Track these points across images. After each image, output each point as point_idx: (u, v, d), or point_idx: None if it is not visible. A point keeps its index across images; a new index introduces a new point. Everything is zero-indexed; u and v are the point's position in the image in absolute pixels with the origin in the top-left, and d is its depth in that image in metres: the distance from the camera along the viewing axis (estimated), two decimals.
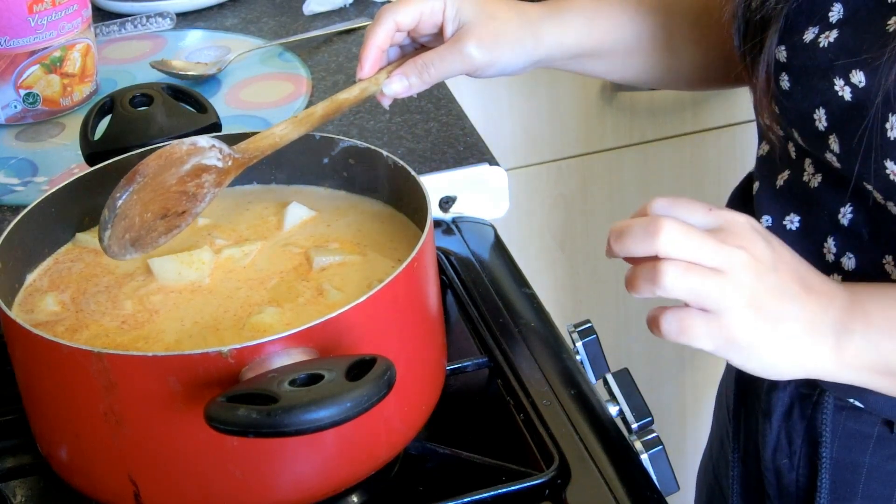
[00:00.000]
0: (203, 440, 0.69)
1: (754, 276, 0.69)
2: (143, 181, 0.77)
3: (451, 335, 0.89)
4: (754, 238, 0.70)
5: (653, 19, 0.97)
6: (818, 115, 0.81)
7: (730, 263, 0.68)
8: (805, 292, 0.72)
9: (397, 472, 0.81)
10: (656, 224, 0.68)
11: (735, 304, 0.69)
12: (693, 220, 0.70)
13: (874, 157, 0.77)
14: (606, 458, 0.80)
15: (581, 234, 1.73)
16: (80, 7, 1.24)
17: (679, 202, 0.71)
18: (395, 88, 0.91)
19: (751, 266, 0.69)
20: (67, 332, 0.78)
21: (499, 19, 0.91)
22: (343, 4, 1.47)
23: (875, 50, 0.76)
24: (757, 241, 0.70)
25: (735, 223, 0.71)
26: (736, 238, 0.69)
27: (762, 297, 0.69)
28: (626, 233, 0.69)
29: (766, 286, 0.70)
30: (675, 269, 0.68)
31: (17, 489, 0.84)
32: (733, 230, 0.70)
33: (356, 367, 0.64)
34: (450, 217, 1.08)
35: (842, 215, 0.83)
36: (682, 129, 1.70)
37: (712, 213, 0.71)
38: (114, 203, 0.76)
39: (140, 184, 0.77)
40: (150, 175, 0.78)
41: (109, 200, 0.77)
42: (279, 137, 0.86)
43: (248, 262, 0.84)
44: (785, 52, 0.83)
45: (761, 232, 0.71)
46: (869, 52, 0.76)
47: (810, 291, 0.72)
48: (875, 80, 0.76)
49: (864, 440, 0.89)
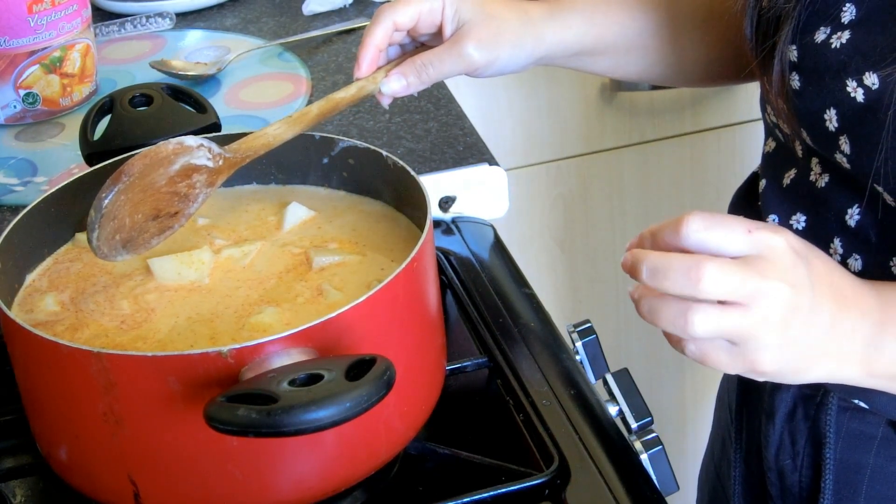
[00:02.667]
0: (203, 440, 0.69)
1: (788, 310, 0.67)
2: (128, 181, 0.77)
3: (450, 335, 0.89)
4: (794, 264, 0.67)
5: (656, 16, 0.96)
6: (829, 115, 0.80)
7: (765, 300, 0.66)
8: (838, 309, 0.70)
9: (397, 472, 0.81)
10: (699, 271, 0.65)
11: (762, 338, 0.67)
12: (732, 247, 0.67)
13: (886, 159, 0.77)
14: (606, 459, 0.80)
15: (581, 234, 1.73)
16: (79, 7, 1.24)
17: (716, 225, 0.67)
18: (394, 87, 0.90)
19: (787, 300, 0.67)
20: (67, 332, 0.78)
21: (498, 19, 0.91)
22: (343, 4, 1.46)
23: (889, 52, 0.76)
24: (796, 266, 0.67)
25: (774, 249, 0.67)
26: (774, 268, 0.66)
27: (792, 329, 0.67)
28: (663, 272, 0.66)
29: (798, 318, 0.67)
30: (705, 316, 0.65)
31: (17, 489, 0.84)
32: (772, 257, 0.67)
33: (356, 367, 0.64)
34: (449, 217, 1.08)
35: (849, 216, 0.83)
36: (682, 129, 1.69)
37: (752, 235, 0.67)
38: (100, 203, 0.76)
39: (126, 183, 0.77)
40: (135, 175, 0.77)
41: (95, 201, 0.76)
42: (272, 137, 0.85)
43: (248, 262, 0.84)
44: (796, 52, 0.82)
45: (800, 251, 0.68)
46: (883, 54, 0.76)
47: (843, 306, 0.70)
48: (889, 82, 0.76)
49: (869, 441, 0.89)
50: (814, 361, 0.70)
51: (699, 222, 0.66)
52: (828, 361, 0.70)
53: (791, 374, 0.70)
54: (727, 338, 0.67)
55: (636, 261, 0.67)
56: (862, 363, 0.71)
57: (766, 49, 0.84)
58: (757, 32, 0.84)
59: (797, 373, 0.70)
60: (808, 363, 0.70)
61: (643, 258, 0.67)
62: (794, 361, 0.69)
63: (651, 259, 0.66)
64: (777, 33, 0.82)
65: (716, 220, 0.67)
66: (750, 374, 0.69)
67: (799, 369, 0.70)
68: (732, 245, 0.67)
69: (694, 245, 0.67)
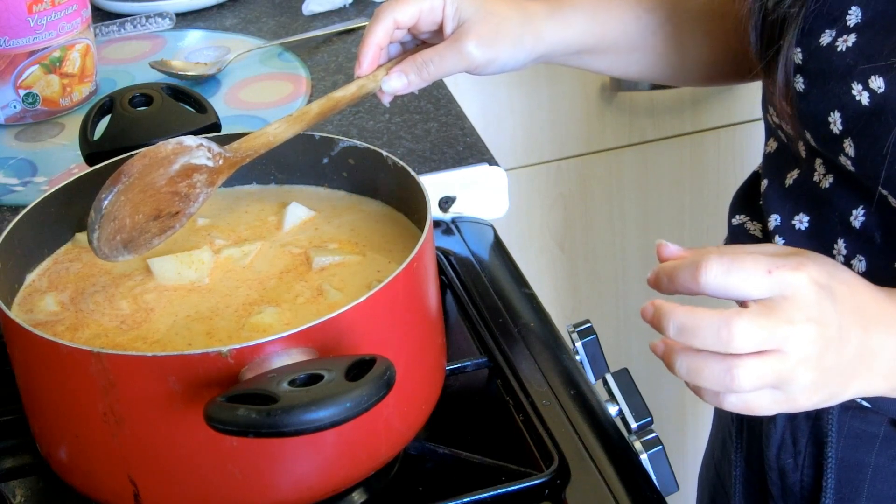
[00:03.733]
0: (203, 440, 0.69)
1: (821, 346, 0.66)
2: (128, 181, 0.77)
3: (450, 335, 0.89)
4: (818, 299, 0.66)
5: (658, 15, 0.96)
6: (833, 118, 0.80)
7: (799, 343, 0.66)
8: (864, 331, 0.69)
9: (397, 472, 0.81)
10: (730, 329, 0.64)
11: (802, 378, 0.67)
12: (754, 291, 0.66)
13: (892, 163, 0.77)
14: (606, 459, 0.80)
15: (581, 234, 1.73)
16: (79, 7, 1.24)
17: (734, 270, 0.65)
18: (394, 85, 0.90)
19: (817, 339, 0.66)
20: (67, 332, 0.78)
21: (498, 16, 0.90)
22: (342, 4, 1.46)
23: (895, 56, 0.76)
24: (821, 302, 0.66)
25: (796, 288, 0.66)
26: (800, 309, 0.66)
27: (826, 362, 0.67)
28: (692, 330, 0.65)
29: (830, 350, 0.67)
30: (750, 371, 0.65)
31: (17, 489, 0.84)
32: (796, 297, 0.66)
33: (356, 367, 0.64)
34: (449, 217, 1.08)
35: (854, 217, 0.83)
36: (682, 129, 1.70)
37: (772, 277, 0.65)
38: (100, 204, 0.76)
39: (126, 184, 0.77)
40: (135, 175, 0.77)
41: (95, 202, 0.76)
42: (272, 136, 0.85)
43: (248, 263, 0.84)
44: (801, 55, 0.82)
45: (823, 283, 0.67)
46: (889, 57, 0.76)
47: (868, 327, 0.69)
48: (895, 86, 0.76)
49: (870, 440, 0.89)
50: (847, 385, 0.70)
51: (717, 268, 0.65)
52: (858, 382, 0.70)
53: (828, 401, 0.70)
54: (770, 385, 0.67)
55: (661, 315, 0.66)
56: (887, 377, 0.71)
57: (769, 52, 0.84)
58: (761, 37, 0.84)
59: (833, 398, 0.70)
60: (841, 388, 0.70)
61: (668, 314, 0.66)
62: (830, 390, 0.69)
63: (678, 316, 0.65)
64: (782, 37, 0.82)
65: (734, 263, 0.65)
66: (791, 410, 0.69)
67: (834, 395, 0.70)
68: (754, 289, 0.66)
69: (714, 292, 0.66)
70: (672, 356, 0.67)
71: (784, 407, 0.68)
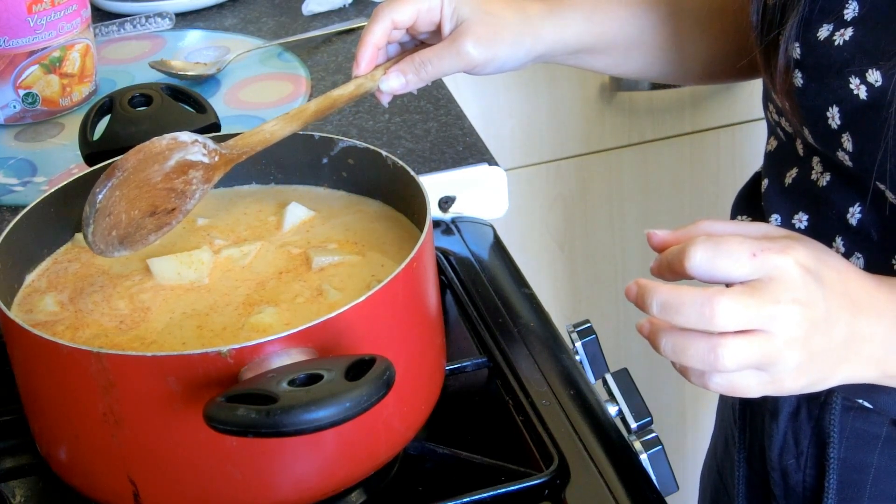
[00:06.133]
0: (202, 440, 0.69)
1: (807, 327, 0.67)
2: (123, 175, 0.77)
3: (450, 335, 0.89)
4: (804, 281, 0.67)
5: (657, 13, 0.96)
6: (831, 112, 0.80)
7: (784, 323, 0.66)
8: (853, 316, 0.69)
9: (397, 472, 0.81)
10: (712, 306, 0.64)
11: (788, 359, 0.67)
12: (737, 272, 0.66)
13: (889, 157, 0.77)
14: (606, 459, 0.80)
15: (580, 234, 1.73)
16: (79, 7, 1.24)
17: (721, 251, 0.66)
18: (392, 85, 0.90)
19: (803, 320, 0.66)
20: (67, 332, 0.78)
21: (496, 16, 0.90)
22: (342, 4, 1.47)
23: (892, 49, 0.76)
24: (807, 283, 0.67)
25: (782, 270, 0.66)
26: (786, 289, 0.66)
27: (813, 344, 0.67)
28: (675, 307, 0.65)
29: (817, 332, 0.67)
30: (734, 349, 0.65)
31: (17, 489, 0.84)
32: (782, 278, 0.66)
33: (355, 367, 0.64)
34: (449, 217, 1.08)
35: (850, 215, 0.83)
36: (682, 129, 1.70)
37: (757, 259, 0.66)
38: (94, 198, 0.76)
39: (120, 178, 0.77)
40: (129, 169, 0.77)
41: (90, 196, 0.76)
42: (269, 133, 0.85)
43: (247, 263, 0.84)
44: (799, 49, 0.82)
45: (809, 266, 0.67)
46: (886, 51, 0.76)
47: (857, 313, 0.70)
48: (892, 79, 0.76)
49: (873, 441, 0.89)
50: (834, 370, 0.70)
51: (702, 253, 0.66)
52: (847, 367, 0.70)
53: (814, 385, 0.70)
54: (755, 366, 0.67)
55: (644, 293, 0.66)
56: (878, 364, 0.71)
57: (769, 39, 0.83)
58: (763, 20, 0.84)
59: (820, 383, 0.70)
60: (829, 372, 0.70)
61: (652, 291, 0.66)
62: (817, 374, 0.69)
63: (661, 293, 0.66)
64: (782, 23, 0.82)
65: (720, 247, 0.66)
66: (777, 394, 0.69)
67: (821, 380, 0.70)
68: (739, 272, 0.66)
69: (701, 277, 0.66)
70: (657, 335, 0.67)
71: (770, 389, 0.68)
